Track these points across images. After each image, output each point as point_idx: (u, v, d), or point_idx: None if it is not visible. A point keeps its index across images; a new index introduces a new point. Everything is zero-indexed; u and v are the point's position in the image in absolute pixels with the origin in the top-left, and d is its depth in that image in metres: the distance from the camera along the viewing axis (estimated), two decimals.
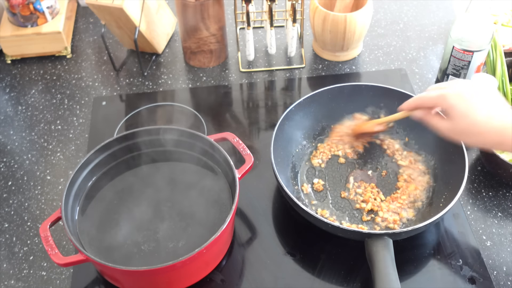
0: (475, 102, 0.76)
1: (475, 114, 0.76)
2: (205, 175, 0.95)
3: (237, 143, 0.93)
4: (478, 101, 0.76)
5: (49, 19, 1.26)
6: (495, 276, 0.88)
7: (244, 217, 0.96)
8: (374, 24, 1.33)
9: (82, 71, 1.26)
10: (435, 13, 1.36)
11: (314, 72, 1.22)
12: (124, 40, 1.26)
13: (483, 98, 0.77)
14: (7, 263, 0.92)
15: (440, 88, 0.80)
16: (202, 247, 0.78)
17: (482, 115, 0.75)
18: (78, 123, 1.15)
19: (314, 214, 0.85)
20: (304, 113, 1.03)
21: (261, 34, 1.32)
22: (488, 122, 0.75)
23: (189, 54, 1.23)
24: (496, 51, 1.07)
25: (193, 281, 0.87)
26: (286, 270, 0.89)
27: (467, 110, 0.76)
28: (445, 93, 0.78)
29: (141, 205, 0.92)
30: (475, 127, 0.76)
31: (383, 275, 0.78)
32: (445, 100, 0.78)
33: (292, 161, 1.01)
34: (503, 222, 0.95)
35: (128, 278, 0.83)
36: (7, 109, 1.19)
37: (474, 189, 1.00)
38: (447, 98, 0.78)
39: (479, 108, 0.76)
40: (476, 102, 0.76)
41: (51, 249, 0.80)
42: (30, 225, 0.98)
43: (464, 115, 0.76)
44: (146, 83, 1.22)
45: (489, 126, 0.75)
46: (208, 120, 1.12)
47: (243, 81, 1.22)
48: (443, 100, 0.78)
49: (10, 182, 1.05)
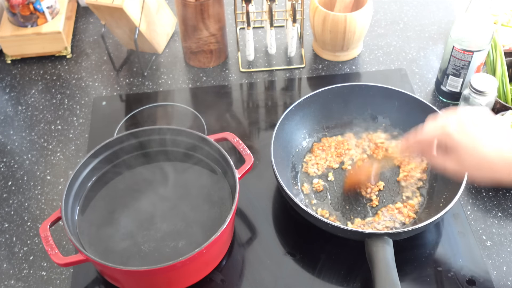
0: (480, 133, 0.69)
1: (483, 147, 0.69)
2: (205, 175, 0.95)
3: (237, 143, 0.93)
4: (482, 132, 0.69)
5: (49, 19, 1.26)
6: (495, 276, 0.88)
7: (244, 217, 0.96)
8: (374, 24, 1.33)
9: (82, 71, 1.26)
10: (435, 13, 1.36)
11: (314, 72, 1.22)
12: (124, 40, 1.26)
13: (486, 127, 0.70)
14: (7, 263, 0.92)
15: (437, 123, 0.73)
16: (202, 247, 0.78)
17: (490, 147, 0.69)
18: (78, 123, 1.15)
19: (314, 214, 0.85)
20: (304, 113, 1.03)
21: (261, 34, 1.32)
22: (499, 155, 0.68)
23: (189, 54, 1.23)
24: (496, 51, 1.07)
25: (193, 281, 0.87)
26: (286, 270, 0.89)
27: (474, 144, 0.69)
28: (447, 130, 0.71)
29: (141, 205, 0.92)
30: (486, 162, 0.69)
31: (383, 275, 0.78)
32: (448, 137, 0.70)
33: (292, 161, 1.01)
34: (503, 222, 0.95)
35: (128, 278, 0.83)
36: (7, 109, 1.19)
37: (474, 189, 1.00)
38: (449, 135, 0.70)
39: (484, 139, 0.69)
40: (480, 134, 0.69)
41: (51, 249, 0.80)
42: (30, 225, 0.98)
43: (471, 151, 0.69)
44: (146, 83, 1.22)
45: (501, 159, 0.68)
46: (208, 120, 1.12)
47: (243, 81, 1.22)
48: (446, 138, 0.71)
49: (10, 182, 1.05)
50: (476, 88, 0.99)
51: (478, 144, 0.69)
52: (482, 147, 0.69)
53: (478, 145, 0.69)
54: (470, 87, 1.00)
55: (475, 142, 0.69)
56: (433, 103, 1.13)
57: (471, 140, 0.69)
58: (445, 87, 1.12)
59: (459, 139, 0.70)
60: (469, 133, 0.70)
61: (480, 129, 0.70)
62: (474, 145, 0.69)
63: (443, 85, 1.12)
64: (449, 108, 0.75)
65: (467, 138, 0.69)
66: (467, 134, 0.70)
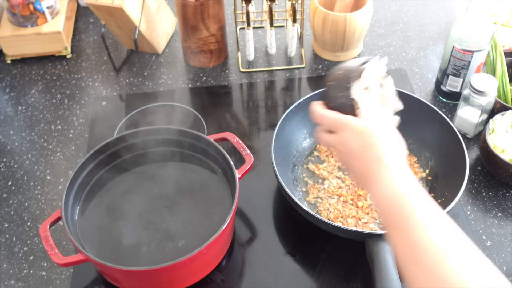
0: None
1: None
2: (205, 175, 0.95)
3: (237, 143, 0.93)
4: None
5: (49, 19, 1.26)
6: None
7: (244, 217, 0.96)
8: (374, 24, 1.33)
9: (82, 71, 1.26)
10: (435, 13, 1.36)
11: (314, 72, 1.22)
12: (124, 40, 1.26)
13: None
14: (7, 263, 0.92)
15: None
16: (202, 247, 0.78)
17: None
18: (78, 123, 1.15)
19: (314, 214, 0.84)
20: (305, 113, 1.02)
21: (261, 34, 1.32)
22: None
23: (189, 54, 1.23)
24: (496, 51, 1.07)
25: (193, 281, 0.87)
26: (286, 270, 0.89)
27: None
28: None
29: (141, 205, 0.92)
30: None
31: (384, 275, 0.78)
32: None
33: (293, 161, 1.01)
34: (503, 222, 0.95)
35: (128, 278, 0.83)
36: (7, 109, 1.19)
37: (474, 189, 1.00)
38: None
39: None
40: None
41: (51, 249, 0.80)
42: (30, 225, 0.98)
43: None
44: (146, 83, 1.22)
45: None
46: (208, 120, 1.12)
47: (243, 81, 1.22)
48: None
49: (10, 182, 1.05)
50: (476, 88, 0.99)
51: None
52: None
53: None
54: (470, 87, 1.00)
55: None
56: (433, 103, 1.13)
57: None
58: (445, 87, 1.12)
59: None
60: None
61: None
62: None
63: (443, 85, 1.12)
64: None
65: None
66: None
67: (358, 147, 0.65)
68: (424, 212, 0.55)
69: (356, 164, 0.66)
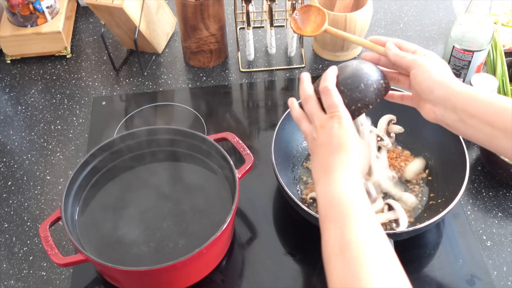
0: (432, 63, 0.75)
1: (436, 72, 0.74)
2: (205, 175, 0.95)
3: (237, 143, 0.93)
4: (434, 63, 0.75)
5: (49, 19, 1.26)
6: (495, 276, 0.88)
7: (244, 217, 0.96)
8: (374, 24, 1.33)
9: (82, 71, 1.26)
10: (435, 13, 1.36)
11: (314, 72, 1.22)
12: (124, 40, 1.26)
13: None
14: (7, 263, 0.92)
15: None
16: (202, 247, 0.78)
17: (440, 73, 0.74)
18: (78, 123, 1.15)
19: (314, 214, 0.84)
20: None
21: (261, 34, 1.32)
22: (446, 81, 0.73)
23: (189, 54, 1.23)
24: (496, 51, 1.07)
25: (193, 281, 0.87)
26: (286, 270, 0.89)
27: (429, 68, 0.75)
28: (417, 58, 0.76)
29: (141, 205, 0.92)
30: (437, 84, 0.74)
31: None
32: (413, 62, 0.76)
33: (293, 161, 1.01)
34: (503, 222, 0.95)
35: (128, 278, 0.83)
36: (7, 109, 1.19)
37: (474, 189, 1.00)
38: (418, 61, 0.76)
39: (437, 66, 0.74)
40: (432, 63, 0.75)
41: (51, 249, 0.80)
42: (30, 225, 0.98)
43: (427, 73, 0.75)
44: (146, 83, 1.22)
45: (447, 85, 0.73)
46: (208, 120, 1.12)
47: (243, 81, 1.22)
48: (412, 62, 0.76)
49: (10, 182, 1.05)
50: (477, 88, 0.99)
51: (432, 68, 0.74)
52: (435, 72, 0.73)
53: (432, 69, 0.74)
54: None
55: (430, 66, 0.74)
56: None
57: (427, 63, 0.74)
58: None
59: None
60: None
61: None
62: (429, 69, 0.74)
63: None
64: None
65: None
66: None
67: (335, 144, 0.70)
68: (361, 216, 0.63)
69: (322, 154, 0.71)
